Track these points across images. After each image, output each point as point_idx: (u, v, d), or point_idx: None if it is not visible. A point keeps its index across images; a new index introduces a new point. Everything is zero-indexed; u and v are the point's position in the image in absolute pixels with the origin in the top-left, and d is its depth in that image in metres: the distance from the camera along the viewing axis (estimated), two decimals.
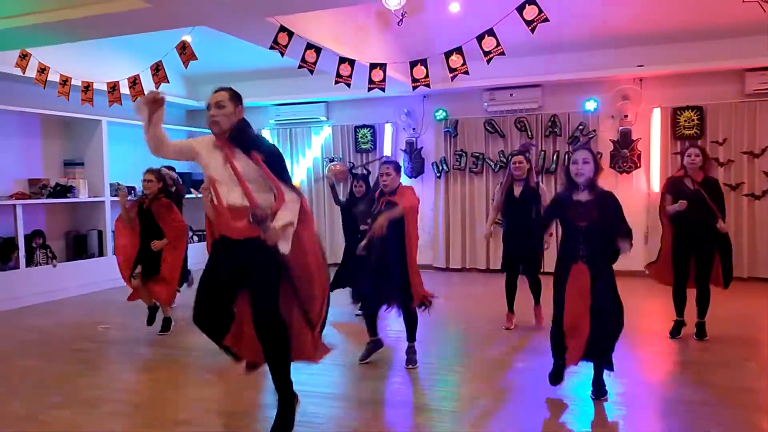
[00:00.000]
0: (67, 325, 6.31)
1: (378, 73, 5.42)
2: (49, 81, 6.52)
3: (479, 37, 4.76)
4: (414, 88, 5.30)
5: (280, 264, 3.27)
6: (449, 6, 6.91)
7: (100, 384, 4.44)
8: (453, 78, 5.00)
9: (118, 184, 8.73)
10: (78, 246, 8.48)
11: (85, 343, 5.56)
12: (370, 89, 5.51)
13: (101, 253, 8.44)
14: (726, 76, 7.96)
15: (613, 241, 3.78)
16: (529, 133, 8.82)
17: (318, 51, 5.49)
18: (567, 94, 8.64)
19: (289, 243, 3.23)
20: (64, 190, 7.92)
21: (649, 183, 8.47)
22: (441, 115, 9.24)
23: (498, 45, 4.70)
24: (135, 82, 6.25)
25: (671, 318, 5.40)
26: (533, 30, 4.48)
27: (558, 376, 3.99)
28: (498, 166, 9.00)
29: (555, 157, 8.72)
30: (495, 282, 7.54)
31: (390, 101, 9.34)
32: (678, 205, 5.00)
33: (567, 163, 3.92)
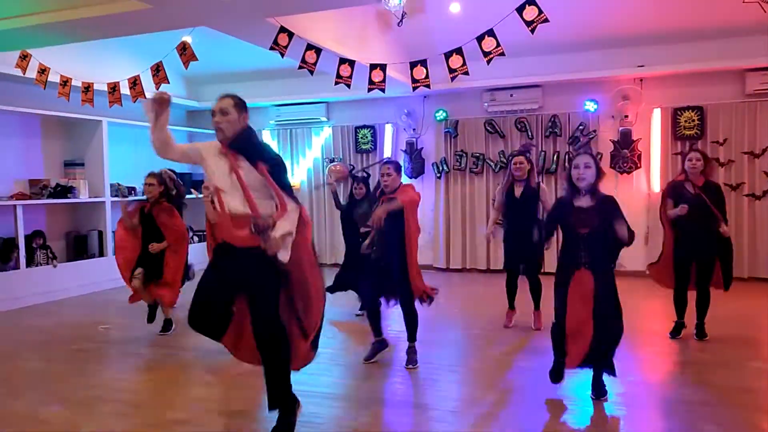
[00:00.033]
0: (68, 325, 6.32)
1: (378, 74, 5.42)
2: (50, 82, 6.52)
3: (479, 38, 4.76)
4: (414, 88, 5.31)
5: (279, 273, 3.28)
6: (449, 7, 6.91)
7: (100, 384, 4.44)
8: (453, 78, 5.00)
9: (118, 184, 8.76)
10: (78, 246, 8.49)
11: (86, 343, 5.56)
12: (370, 90, 5.52)
13: (101, 254, 8.44)
14: (726, 76, 7.96)
15: (615, 244, 3.79)
16: (530, 134, 8.82)
17: (318, 52, 5.49)
18: (567, 94, 8.63)
19: (288, 252, 3.25)
20: (64, 190, 7.93)
21: (650, 183, 8.46)
22: (441, 116, 9.25)
23: (498, 45, 4.71)
24: (135, 82, 6.25)
25: (671, 318, 5.40)
26: (533, 30, 4.48)
27: (558, 373, 3.99)
28: (498, 166, 9.00)
29: (555, 158, 8.72)
30: (495, 282, 7.54)
31: (390, 102, 9.34)
32: (679, 210, 5.00)
33: (568, 168, 3.91)
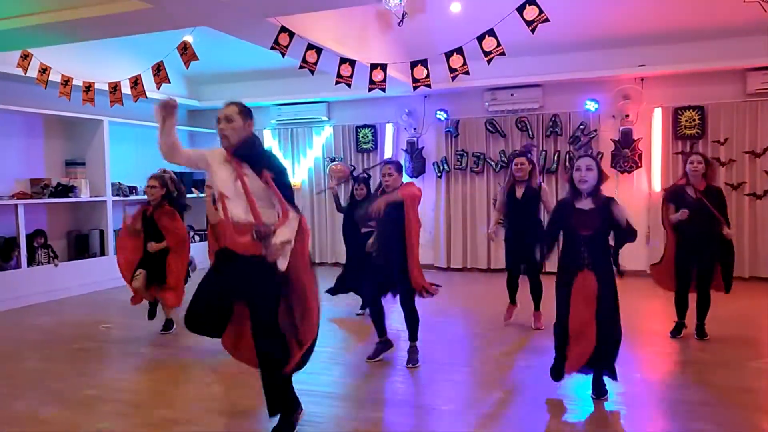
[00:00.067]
0: (69, 325, 6.34)
1: (378, 74, 5.42)
2: (51, 81, 6.53)
3: (480, 38, 4.75)
4: (415, 88, 5.30)
5: (280, 281, 3.30)
6: (450, 6, 6.91)
7: (100, 383, 4.45)
8: (453, 78, 4.99)
9: (119, 184, 8.77)
10: (79, 245, 8.50)
11: (87, 343, 5.57)
12: (370, 89, 5.51)
13: (103, 253, 8.46)
14: (727, 75, 7.96)
15: (618, 240, 3.80)
16: (530, 133, 8.82)
17: (319, 51, 5.49)
18: (568, 93, 8.63)
19: (287, 260, 3.27)
20: (65, 189, 7.94)
21: (650, 183, 8.46)
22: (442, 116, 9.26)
23: (498, 45, 4.70)
24: (136, 82, 6.25)
25: (672, 318, 5.41)
26: (533, 30, 4.48)
27: (559, 371, 3.99)
28: (499, 166, 9.00)
29: (556, 157, 8.72)
30: (496, 282, 7.55)
31: (391, 101, 9.34)
32: (679, 214, 5.02)
33: (570, 170, 3.92)
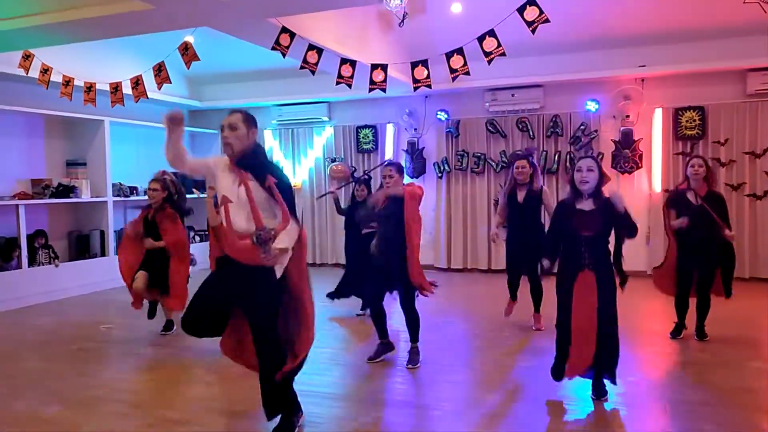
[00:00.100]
0: (69, 325, 6.34)
1: (379, 74, 5.42)
2: (52, 81, 6.54)
3: (480, 38, 4.75)
4: (415, 89, 5.30)
5: (280, 291, 3.33)
6: (450, 7, 6.92)
7: (101, 384, 4.46)
8: (454, 79, 5.00)
9: (120, 184, 8.77)
10: (80, 246, 8.51)
11: (87, 343, 5.58)
12: (371, 90, 5.52)
13: (103, 253, 8.46)
14: (728, 76, 7.96)
15: (620, 234, 3.81)
16: (531, 134, 8.83)
17: (319, 52, 5.49)
18: (568, 94, 8.63)
19: (283, 268, 3.28)
20: (66, 190, 7.94)
21: (651, 183, 8.47)
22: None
23: (499, 45, 4.70)
24: (137, 82, 6.25)
25: (671, 318, 5.41)
26: (534, 31, 4.48)
27: (560, 371, 4.00)
28: (499, 166, 9.01)
29: (556, 158, 8.72)
30: (496, 282, 7.55)
31: (392, 101, 9.35)
32: (679, 222, 5.04)
33: (571, 171, 3.92)
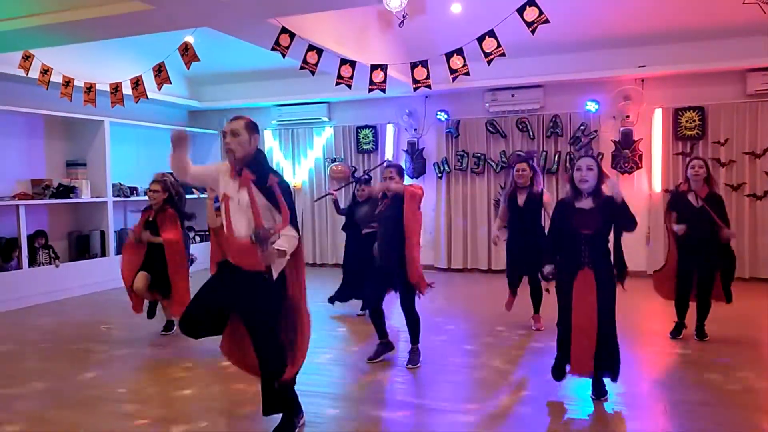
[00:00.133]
0: (70, 325, 6.35)
1: (379, 74, 5.42)
2: (52, 82, 6.54)
3: (480, 38, 4.75)
4: (415, 89, 5.31)
5: (281, 298, 3.34)
6: (450, 7, 6.92)
7: (101, 384, 4.46)
8: (454, 79, 5.00)
9: (120, 184, 8.77)
10: (80, 246, 8.52)
11: (88, 343, 5.58)
12: (370, 90, 5.52)
13: (104, 254, 8.47)
14: (727, 76, 7.96)
15: (620, 226, 3.81)
16: (531, 134, 8.83)
17: (319, 52, 5.50)
18: (568, 94, 8.64)
19: (278, 271, 3.29)
20: (66, 190, 7.95)
21: (651, 183, 8.47)
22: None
23: (499, 46, 4.70)
24: (137, 83, 6.26)
25: (671, 318, 5.41)
26: (534, 31, 4.49)
27: (561, 371, 4.00)
28: (499, 166, 9.01)
29: (556, 158, 8.73)
30: (497, 282, 7.55)
31: (392, 102, 9.35)
32: (678, 229, 5.06)
33: (571, 170, 3.92)
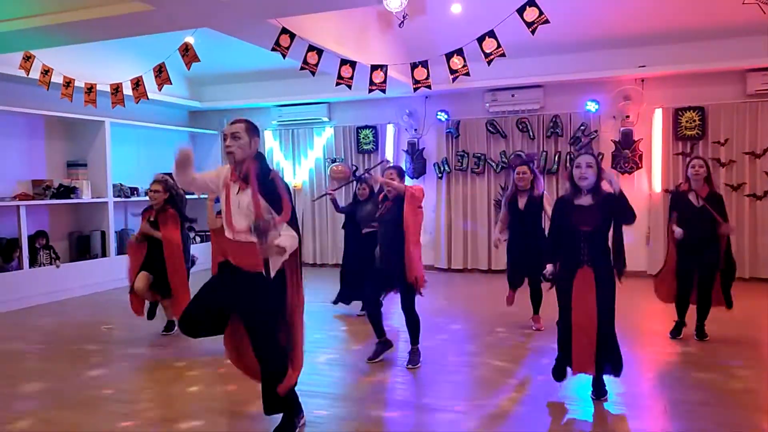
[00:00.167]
0: (70, 326, 6.35)
1: (379, 75, 5.43)
2: (53, 82, 6.54)
3: (480, 39, 4.76)
4: (415, 89, 5.31)
5: (282, 299, 3.35)
6: (450, 8, 6.93)
7: (102, 384, 4.46)
8: (454, 80, 5.01)
9: (121, 185, 8.78)
10: (81, 247, 8.52)
11: (88, 344, 5.59)
12: (370, 91, 5.52)
13: (104, 254, 8.48)
14: (727, 76, 7.97)
15: (619, 220, 3.81)
16: (531, 134, 8.84)
17: (320, 53, 5.50)
18: (568, 94, 8.64)
19: (277, 268, 3.29)
20: (67, 191, 7.96)
21: (651, 184, 8.47)
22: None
23: (499, 46, 4.71)
24: (138, 83, 6.26)
25: (671, 318, 5.42)
26: (534, 32, 4.49)
27: (561, 372, 4.01)
28: (500, 166, 9.01)
29: (556, 158, 8.73)
30: (497, 282, 7.56)
31: (392, 102, 9.35)
32: (676, 233, 5.09)
33: (570, 167, 3.93)
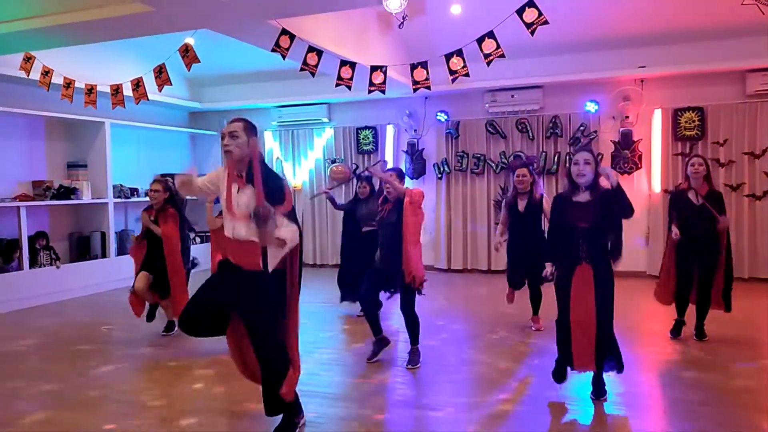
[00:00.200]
0: (71, 326, 6.36)
1: (378, 76, 5.43)
2: (53, 83, 6.54)
3: (479, 40, 4.76)
4: (415, 90, 5.32)
5: (283, 298, 3.36)
6: (450, 8, 6.93)
7: (102, 384, 4.47)
8: (454, 80, 5.01)
9: (121, 186, 8.78)
10: (81, 247, 8.53)
11: (88, 344, 5.59)
12: (370, 91, 5.53)
13: (104, 255, 8.48)
14: (727, 77, 7.97)
15: (619, 213, 3.82)
16: (531, 135, 8.84)
17: (319, 54, 5.51)
18: (568, 95, 8.64)
19: (276, 261, 3.29)
20: (67, 191, 7.96)
21: (650, 184, 8.48)
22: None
23: (498, 47, 4.71)
24: (138, 84, 6.27)
25: (671, 318, 5.42)
26: (533, 32, 4.49)
27: (562, 373, 4.01)
28: (499, 167, 9.02)
29: (556, 159, 8.74)
30: (497, 283, 7.56)
31: (392, 103, 9.35)
32: (673, 234, 5.11)
33: (568, 164, 3.94)
